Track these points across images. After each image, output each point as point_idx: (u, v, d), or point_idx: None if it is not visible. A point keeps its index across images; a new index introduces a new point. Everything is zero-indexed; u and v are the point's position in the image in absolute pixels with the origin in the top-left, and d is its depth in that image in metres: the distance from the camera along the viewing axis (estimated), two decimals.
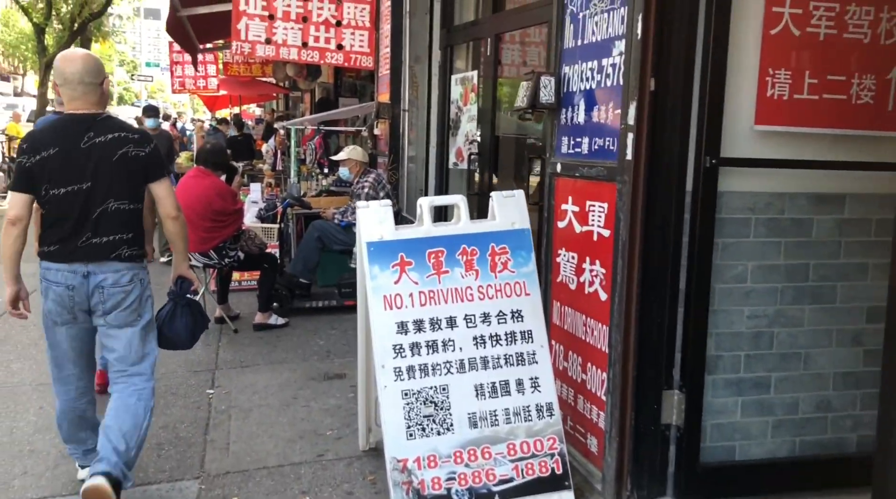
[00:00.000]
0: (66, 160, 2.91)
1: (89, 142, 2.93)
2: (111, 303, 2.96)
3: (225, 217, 5.40)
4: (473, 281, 2.97)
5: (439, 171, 7.21)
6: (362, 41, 7.52)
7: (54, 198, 2.92)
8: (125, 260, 2.99)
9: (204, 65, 15.79)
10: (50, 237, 2.97)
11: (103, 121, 2.99)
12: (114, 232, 2.96)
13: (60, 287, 2.94)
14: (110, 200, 2.95)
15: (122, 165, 2.95)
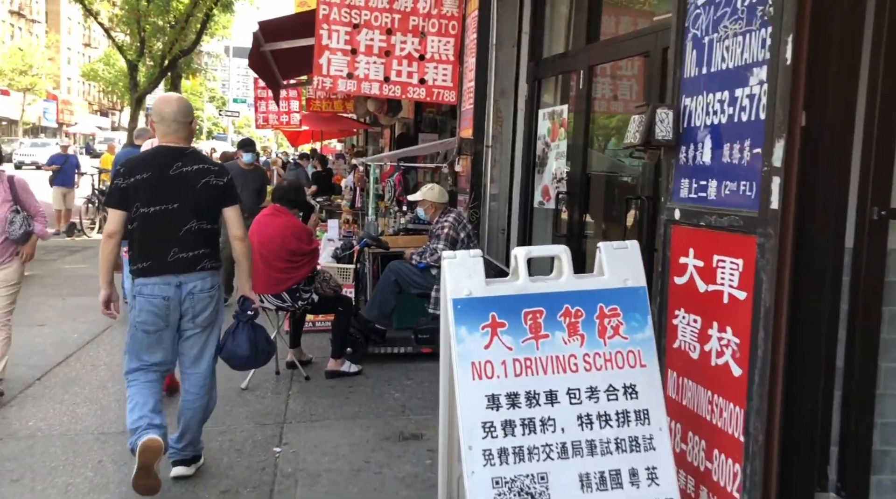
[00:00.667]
0: (156, 184, 3.42)
1: (178, 170, 3.44)
2: (200, 307, 3.48)
3: (299, 257, 5.12)
4: (578, 348, 2.52)
5: (523, 210, 6.80)
6: (445, 75, 7.24)
7: (144, 215, 3.42)
8: (207, 270, 3.52)
9: (287, 100, 16.00)
10: (141, 255, 3.45)
11: (191, 154, 3.54)
12: (197, 247, 3.47)
13: (157, 298, 3.40)
14: (193, 220, 3.46)
15: (204, 191, 3.47)
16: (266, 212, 5.29)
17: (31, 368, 5.52)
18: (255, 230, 5.21)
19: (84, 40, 67.72)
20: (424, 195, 5.84)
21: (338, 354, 5.39)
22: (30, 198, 4.85)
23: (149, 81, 16.92)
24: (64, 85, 62.03)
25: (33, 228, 4.83)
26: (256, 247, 5.09)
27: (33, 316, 7.36)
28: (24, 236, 4.77)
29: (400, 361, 5.78)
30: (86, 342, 6.35)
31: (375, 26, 7.12)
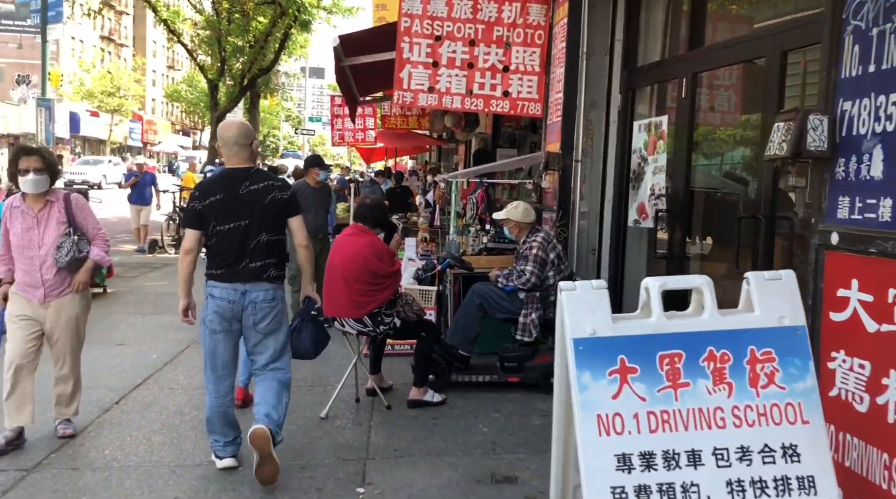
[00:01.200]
0: (228, 203, 3.77)
1: (246, 189, 3.79)
2: (260, 315, 3.79)
3: (381, 279, 4.84)
4: (725, 399, 2.11)
5: (616, 229, 6.37)
6: (531, 87, 6.90)
7: (219, 232, 3.77)
8: (272, 280, 3.85)
9: (363, 118, 15.96)
10: (216, 263, 3.81)
11: (256, 173, 3.87)
12: (265, 257, 3.81)
13: (223, 301, 3.76)
14: (263, 233, 3.80)
15: (270, 206, 3.82)
16: (347, 231, 5.04)
17: (110, 390, 5.41)
18: (336, 251, 4.97)
19: (168, 62, 70.45)
20: (509, 214, 5.49)
21: (420, 382, 5.07)
22: (88, 219, 4.40)
23: (228, 100, 17.20)
24: (149, 106, 64.56)
25: (86, 253, 4.35)
26: (337, 268, 4.85)
27: (113, 334, 7.33)
28: (73, 263, 4.27)
29: (485, 390, 5.42)
30: (164, 363, 6.23)
31: (458, 38, 6.85)
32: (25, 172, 4.18)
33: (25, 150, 4.35)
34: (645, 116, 6.18)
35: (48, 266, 4.25)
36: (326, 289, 4.97)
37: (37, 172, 4.18)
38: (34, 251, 4.24)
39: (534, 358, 5.41)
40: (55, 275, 4.27)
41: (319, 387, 5.58)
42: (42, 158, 4.25)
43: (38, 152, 4.31)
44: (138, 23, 64.98)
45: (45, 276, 4.26)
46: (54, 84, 38.07)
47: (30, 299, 4.31)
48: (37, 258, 4.24)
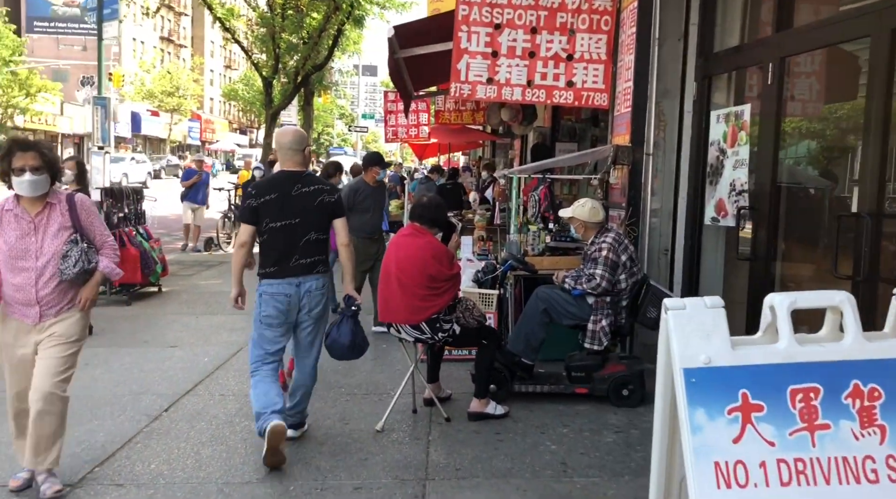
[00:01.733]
0: (281, 203, 4.06)
1: (298, 191, 4.09)
2: (314, 302, 4.12)
3: (440, 283, 4.51)
4: (877, 446, 1.71)
5: (691, 228, 5.91)
6: (596, 76, 6.48)
7: (272, 229, 4.06)
8: (320, 273, 4.17)
9: (416, 113, 15.69)
10: (268, 261, 4.09)
11: (307, 176, 4.19)
12: (313, 254, 4.12)
13: (281, 296, 4.05)
14: (311, 232, 4.10)
15: (319, 208, 4.12)
16: (404, 232, 4.72)
17: (159, 397, 5.22)
18: (392, 253, 4.66)
19: (225, 62, 71.68)
20: (575, 212, 5.10)
21: (482, 393, 4.73)
22: (94, 223, 3.72)
23: (283, 97, 17.15)
24: (207, 105, 65.80)
25: (95, 264, 3.66)
26: (393, 271, 4.54)
27: (166, 336, 7.20)
28: (81, 276, 3.62)
29: (550, 401, 5.05)
30: (216, 367, 6.04)
31: (519, 25, 6.48)
32: (21, 171, 3.50)
33: (21, 144, 3.63)
34: (722, 106, 5.71)
35: (46, 280, 3.57)
36: (381, 293, 4.68)
37: (34, 172, 3.51)
38: (30, 262, 3.55)
39: (603, 368, 5.02)
40: (54, 290, 3.60)
41: (374, 395, 5.30)
42: (40, 154, 3.57)
43: (36, 147, 3.61)
44: (196, 24, 66.26)
45: (42, 291, 3.57)
46: (116, 84, 38.96)
47: (21, 321, 3.61)
48: (33, 270, 3.55)
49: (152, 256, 9.25)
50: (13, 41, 37.39)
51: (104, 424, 4.67)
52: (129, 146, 53.46)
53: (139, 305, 8.72)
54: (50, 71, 42.17)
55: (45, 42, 49.17)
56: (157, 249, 9.56)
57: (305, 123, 22.05)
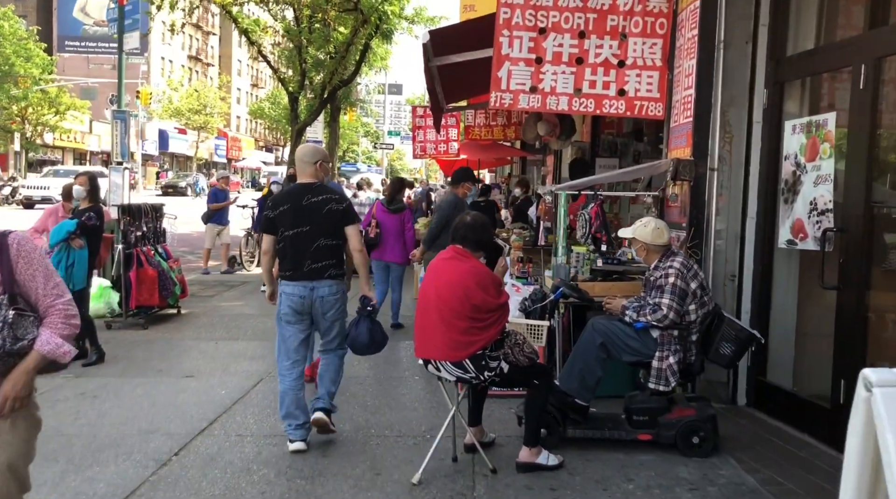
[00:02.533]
0: (294, 212, 4.42)
1: (308, 201, 4.42)
2: (327, 307, 4.47)
3: (487, 315, 3.94)
4: None
5: (761, 251, 5.29)
6: (650, 84, 5.92)
7: (287, 237, 4.43)
8: (333, 278, 4.46)
9: (446, 128, 15.18)
10: (286, 265, 4.46)
11: (317, 188, 4.49)
12: (325, 259, 4.42)
13: (296, 297, 4.40)
14: (321, 238, 4.41)
15: (328, 215, 4.42)
16: (444, 255, 4.16)
17: (170, 437, 4.70)
18: (431, 280, 4.10)
19: (252, 80, 72.26)
20: (636, 233, 4.51)
21: (533, 440, 4.14)
22: (36, 276, 2.51)
23: (309, 113, 16.77)
24: (234, 123, 66.29)
25: (29, 341, 2.46)
26: (433, 301, 3.99)
27: (182, 364, 6.70)
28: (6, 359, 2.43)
29: (609, 449, 4.44)
30: (233, 401, 5.52)
31: (565, 29, 5.95)
32: None
33: None
34: (796, 115, 5.11)
35: None
36: (418, 324, 4.12)
37: None
38: None
39: (670, 411, 4.41)
40: None
41: (408, 437, 4.73)
42: None
43: None
44: (224, 42, 66.99)
45: None
46: (143, 102, 39.24)
47: None
48: None
49: (171, 276, 8.80)
50: (43, 59, 37.78)
51: (106, 470, 4.15)
52: (157, 164, 53.87)
53: (156, 329, 8.25)
54: (79, 89, 42.50)
55: (75, 61, 49.82)
56: (177, 269, 9.11)
57: (331, 140, 21.71)
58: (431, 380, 5.57)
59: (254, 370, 6.47)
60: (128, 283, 8.29)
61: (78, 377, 6.16)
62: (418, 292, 4.46)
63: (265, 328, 8.26)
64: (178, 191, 43.35)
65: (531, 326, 4.80)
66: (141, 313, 8.53)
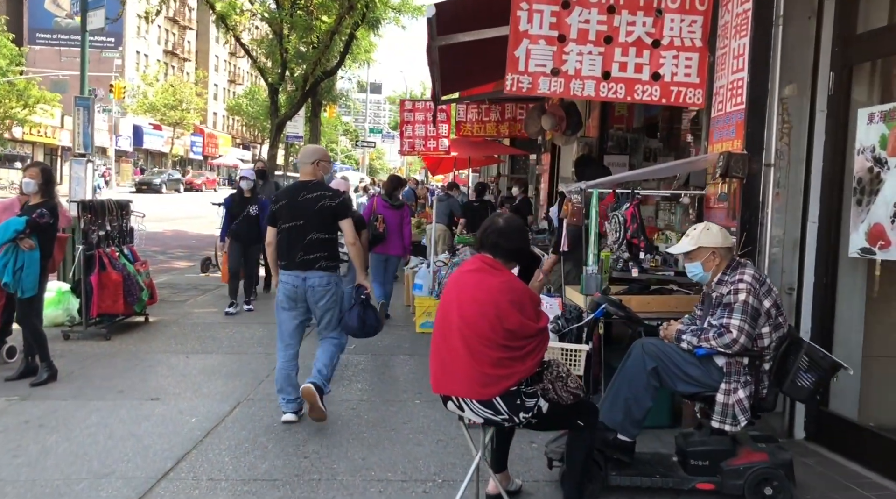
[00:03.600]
0: (290, 207, 4.85)
1: (303, 197, 4.83)
2: (318, 296, 4.83)
3: (523, 341, 3.15)
4: None
5: (824, 260, 4.56)
6: (689, 67, 5.20)
7: (284, 229, 4.86)
8: (324, 269, 4.83)
9: (436, 123, 14.44)
10: (282, 256, 4.90)
11: (313, 185, 4.89)
12: (316, 251, 4.81)
13: (289, 285, 4.83)
14: (314, 232, 4.80)
15: (320, 210, 4.80)
16: (468, 266, 3.35)
17: (127, 483, 3.85)
18: (452, 296, 3.29)
19: (230, 77, 70.82)
20: (701, 240, 3.74)
21: (576, 492, 3.36)
22: None
23: (290, 106, 15.86)
24: (210, 119, 64.89)
25: None
26: (455, 323, 3.19)
27: (147, 384, 5.83)
28: None
29: (658, 498, 3.68)
30: (206, 432, 4.68)
31: (592, 3, 5.21)
32: None
33: None
34: (865, 103, 4.39)
35: None
36: (436, 352, 3.31)
37: None
38: None
39: (736, 455, 3.65)
40: None
41: (417, 483, 3.94)
42: None
43: None
44: (201, 38, 65.50)
45: None
46: (117, 96, 37.91)
47: None
48: None
49: (137, 281, 7.91)
50: (11, 51, 36.32)
51: None
52: (131, 160, 52.34)
53: (120, 339, 7.36)
54: (49, 82, 41.06)
55: (47, 54, 48.26)
56: (144, 272, 8.22)
57: (312, 136, 20.78)
58: (435, 403, 4.78)
59: (230, 391, 5.64)
60: (88, 288, 7.40)
61: (24, 400, 5.29)
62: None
63: (243, 339, 7.41)
64: (152, 188, 42.13)
65: (566, 350, 4.01)
66: (103, 322, 7.65)
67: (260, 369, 6.30)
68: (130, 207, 8.46)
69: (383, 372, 6.42)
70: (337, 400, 5.46)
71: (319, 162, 4.91)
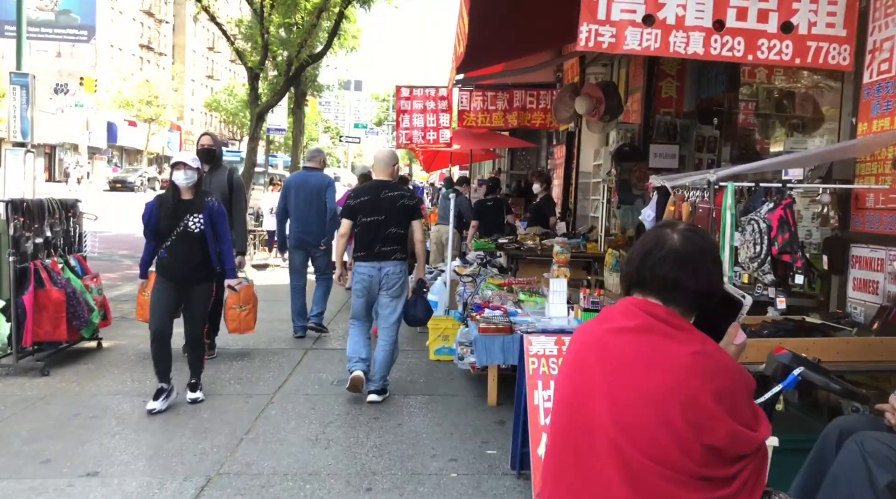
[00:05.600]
0: (372, 204, 5.34)
1: (385, 195, 5.36)
2: (391, 282, 5.34)
3: (733, 466, 1.66)
4: None
5: None
6: (833, 15, 3.74)
7: (364, 223, 5.33)
8: (398, 260, 5.34)
9: (436, 113, 12.93)
10: (360, 247, 5.37)
11: (392, 185, 5.47)
12: (392, 244, 5.33)
13: (366, 275, 5.32)
14: (392, 227, 5.32)
15: (399, 208, 5.34)
16: (618, 319, 1.83)
17: None
18: (595, 382, 1.76)
19: (207, 72, 68.88)
20: None
21: None
22: None
23: (272, 93, 14.28)
24: (188, 116, 63.01)
25: None
26: (604, 433, 1.68)
27: (86, 448, 4.30)
28: None
29: None
30: None
31: None
32: None
33: None
34: None
35: None
36: (557, 476, 1.81)
37: None
38: None
39: None
40: None
41: None
42: None
43: None
44: (178, 31, 63.59)
45: None
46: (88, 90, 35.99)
47: None
48: None
49: (86, 299, 6.37)
50: None
51: None
52: (105, 157, 50.31)
53: (61, 375, 5.81)
54: None
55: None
56: (96, 288, 6.68)
57: (296, 129, 19.20)
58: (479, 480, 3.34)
59: (197, 458, 4.14)
60: (21, 310, 5.84)
61: None
62: None
63: (217, 374, 5.89)
64: (126, 186, 40.28)
65: None
66: (42, 351, 6.11)
67: (238, 421, 4.82)
68: (79, 208, 6.89)
69: (399, 423, 4.94)
70: (345, 473, 3.98)
71: (395, 165, 5.58)
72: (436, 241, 9.89)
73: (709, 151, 7.77)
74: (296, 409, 5.15)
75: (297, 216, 7.38)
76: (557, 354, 3.62)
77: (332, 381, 5.88)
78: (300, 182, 7.52)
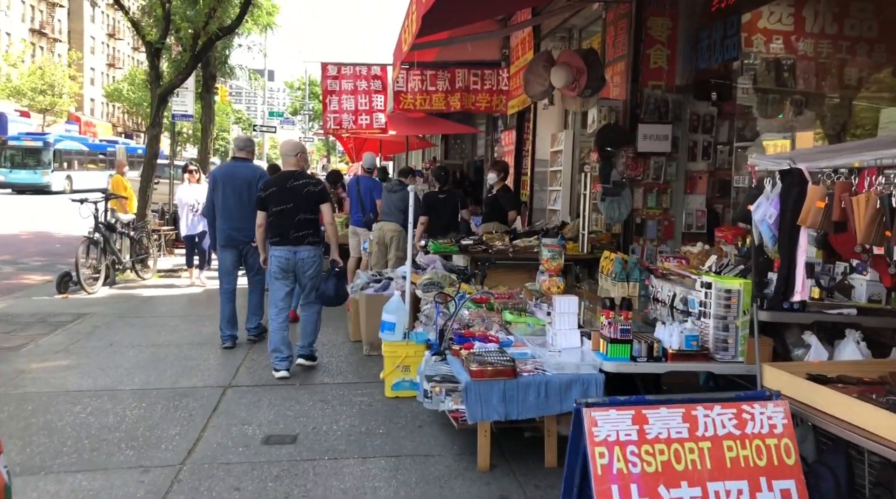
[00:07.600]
0: (280, 193, 5.72)
1: (291, 185, 5.73)
2: (306, 266, 5.75)
3: None
4: None
5: None
6: None
7: (275, 212, 5.72)
8: (310, 244, 5.76)
9: (368, 94, 11.42)
10: (274, 233, 5.75)
11: (297, 174, 5.84)
12: (304, 229, 5.71)
13: (282, 257, 5.70)
14: (301, 213, 5.70)
15: (306, 195, 5.73)
16: None
17: None
18: None
19: (108, 60, 64.63)
20: None
21: None
22: None
23: (176, 72, 12.39)
24: (87, 106, 58.90)
25: None
26: None
27: None
28: None
29: None
30: None
31: None
32: None
33: None
34: None
35: None
36: None
37: None
38: None
39: None
40: None
41: None
42: None
43: None
44: (74, 17, 59.27)
45: None
46: None
47: None
48: None
49: None
50: None
51: None
52: None
53: None
54: None
55: None
56: None
57: (205, 116, 17.20)
58: None
59: None
60: None
61: None
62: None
63: (101, 431, 4.23)
64: None
65: None
66: None
67: None
68: None
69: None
70: None
71: (300, 154, 5.95)
72: (378, 240, 8.41)
73: (704, 132, 6.63)
74: (212, 491, 3.64)
75: (225, 212, 6.52)
76: (639, 441, 2.26)
77: (262, 438, 4.37)
78: (228, 174, 6.66)
